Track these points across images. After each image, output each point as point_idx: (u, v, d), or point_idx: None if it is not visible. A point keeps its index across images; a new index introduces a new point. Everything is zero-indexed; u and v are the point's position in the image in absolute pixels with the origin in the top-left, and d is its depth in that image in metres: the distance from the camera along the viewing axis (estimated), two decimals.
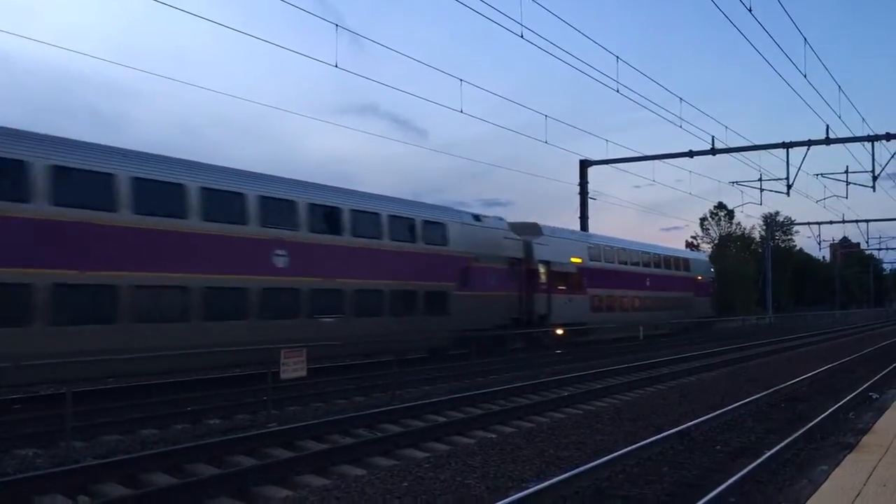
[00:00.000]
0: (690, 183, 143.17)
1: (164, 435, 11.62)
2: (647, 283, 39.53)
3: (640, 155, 42.93)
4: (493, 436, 11.82)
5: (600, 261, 35.01)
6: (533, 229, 30.44)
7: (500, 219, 28.24)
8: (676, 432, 11.01)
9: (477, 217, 26.74)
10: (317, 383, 16.71)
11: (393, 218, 22.37)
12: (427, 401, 14.81)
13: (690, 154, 40.48)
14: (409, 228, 23.12)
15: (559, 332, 29.77)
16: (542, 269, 29.45)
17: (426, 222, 23.85)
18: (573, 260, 32.16)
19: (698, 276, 46.74)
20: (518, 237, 28.53)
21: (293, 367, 12.75)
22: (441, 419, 13.43)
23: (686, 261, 46.45)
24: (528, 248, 28.89)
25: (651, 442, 10.24)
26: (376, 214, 21.85)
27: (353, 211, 20.92)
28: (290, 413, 13.70)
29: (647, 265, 40.20)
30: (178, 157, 17.51)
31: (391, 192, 29.41)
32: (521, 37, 20.02)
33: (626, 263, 37.87)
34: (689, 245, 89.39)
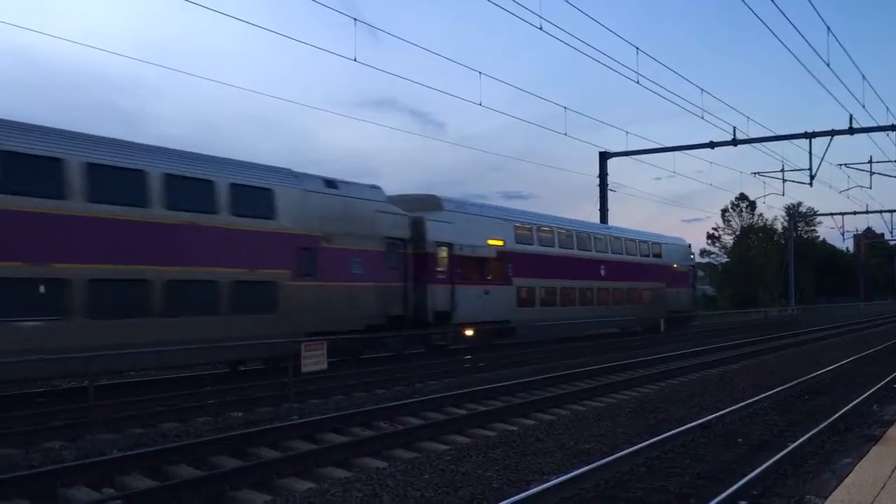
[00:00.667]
0: (711, 174, 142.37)
1: (186, 428, 11.73)
2: (602, 272, 33.10)
3: (661, 146, 42.72)
4: (514, 428, 11.83)
5: (532, 244, 28.61)
6: (428, 203, 24.37)
7: (375, 187, 22.01)
8: (698, 425, 10.96)
9: (330, 183, 20.22)
10: (337, 376, 16.78)
11: (172, 179, 16.03)
12: (447, 393, 14.84)
13: (711, 145, 40.19)
14: (205, 194, 16.67)
15: (468, 332, 24.09)
16: (441, 254, 23.50)
17: (237, 187, 17.32)
18: (491, 242, 26.02)
19: (673, 265, 39.82)
20: (402, 212, 22.42)
21: (314, 361, 12.83)
22: (462, 412, 13.45)
23: (657, 245, 39.03)
24: (418, 226, 22.88)
25: (672, 435, 10.20)
26: (140, 173, 15.52)
27: (89, 166, 14.62)
28: (311, 406, 13.79)
29: (601, 250, 33.60)
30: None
31: (412, 188, 27.52)
32: (540, 28, 19.90)
33: (570, 248, 31.23)
34: (710, 237, 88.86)
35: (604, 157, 43.69)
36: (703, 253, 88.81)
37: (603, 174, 43.47)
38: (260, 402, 14.01)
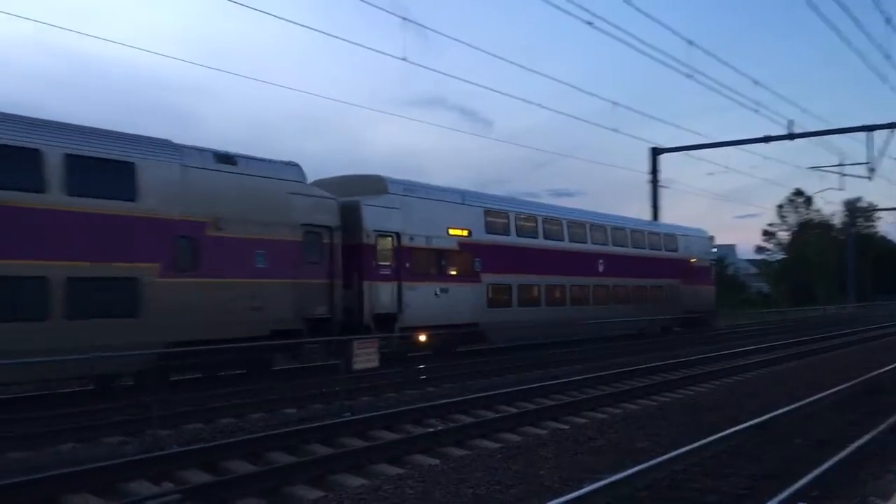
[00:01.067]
0: (766, 169, 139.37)
1: (242, 424, 11.96)
2: (600, 268, 29.14)
3: (714, 141, 42.04)
4: (566, 427, 11.77)
5: (507, 234, 24.86)
6: (369, 185, 20.98)
7: (292, 165, 18.32)
8: (754, 424, 10.77)
9: (225, 158, 16.72)
10: (388, 374, 16.90)
11: None
12: (498, 391, 14.83)
13: (766, 139, 39.45)
14: (28, 167, 13.46)
15: (421, 338, 20.85)
16: (384, 245, 20.11)
17: (76, 159, 14.03)
18: (454, 232, 22.56)
19: (691, 258, 35.67)
20: (327, 195, 18.83)
21: (365, 358, 12.95)
22: (512, 410, 13.43)
23: (671, 237, 34.81)
24: (352, 212, 19.42)
25: (728, 434, 10.04)
26: None
27: None
28: (363, 403, 13.92)
29: (600, 242, 29.58)
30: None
31: (458, 184, 26.28)
32: (591, 24, 19.73)
33: (558, 239, 27.28)
34: (765, 233, 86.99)
35: (655, 152, 43.20)
36: (759, 249, 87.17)
37: (654, 170, 42.96)
38: (312, 400, 14.20)
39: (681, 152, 43.33)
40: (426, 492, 7.62)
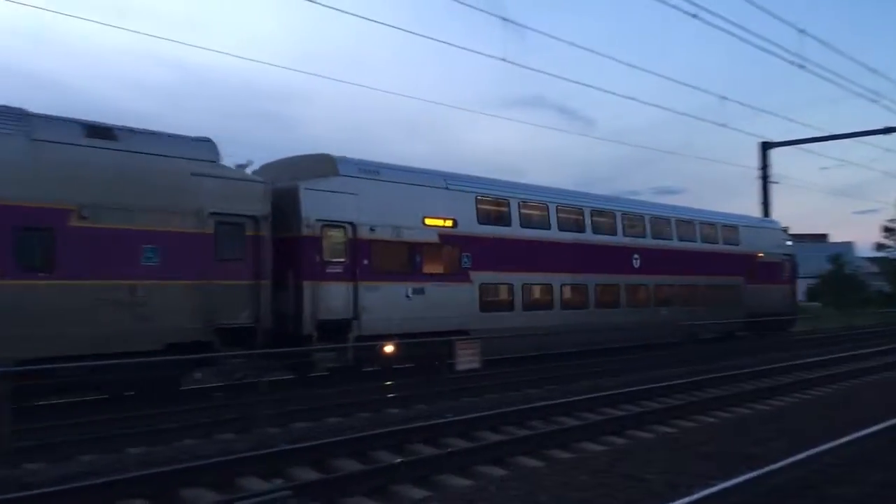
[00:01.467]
0: (886, 161, 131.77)
1: (349, 422, 12.18)
2: (636, 263, 25.29)
3: (828, 134, 40.16)
4: (673, 430, 11.45)
5: (507, 224, 21.36)
6: (317, 167, 17.79)
7: (203, 140, 15.40)
8: (884, 428, 10.14)
9: (97, 131, 14.00)
10: (490, 375, 16.87)
11: None
12: (601, 394, 14.57)
13: (886, 131, 37.39)
14: None
15: (388, 348, 17.52)
16: (333, 238, 17.06)
17: None
18: (432, 222, 19.31)
19: (757, 253, 31.24)
20: (252, 179, 16.21)
21: (467, 359, 12.97)
22: (617, 412, 13.17)
23: (730, 228, 30.53)
24: (287, 198, 16.56)
25: (854, 439, 9.50)
26: None
27: None
28: (465, 404, 13.94)
29: (635, 234, 25.73)
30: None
31: (559, 184, 25.12)
32: (695, 17, 19.16)
33: (577, 230, 23.44)
34: (885, 229, 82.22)
35: (765, 147, 41.62)
36: (879, 247, 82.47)
37: (764, 165, 41.38)
38: (415, 400, 14.33)
39: (792, 146, 41.54)
40: (531, 494, 7.54)
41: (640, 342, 24.32)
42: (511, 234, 21.28)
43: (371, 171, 18.18)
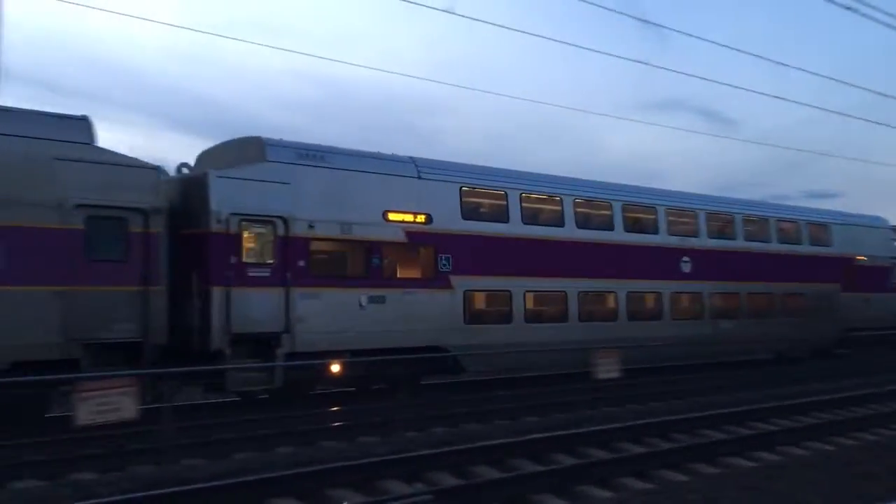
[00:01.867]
0: None
1: (487, 430, 12.21)
2: (685, 267, 21.46)
3: None
4: (831, 448, 10.77)
5: (503, 220, 18.03)
6: (245, 152, 15.37)
7: (78, 119, 13.17)
8: None
9: None
10: (631, 385, 16.45)
11: None
12: (748, 407, 13.90)
13: None
14: None
15: (334, 368, 14.94)
16: (257, 236, 14.61)
17: None
18: (397, 217, 16.29)
19: (856, 256, 26.44)
20: (139, 164, 13.42)
21: (607, 368, 12.74)
22: (769, 427, 12.52)
23: (820, 226, 25.90)
24: (194, 189, 14.31)
25: None
26: None
27: None
28: (605, 414, 13.67)
29: (685, 232, 21.90)
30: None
31: (701, 188, 23.09)
32: (850, 9, 18.02)
33: (601, 227, 20.06)
34: None
35: None
36: None
37: None
38: (554, 409, 14.21)
39: None
40: None
41: (694, 360, 21.40)
42: (509, 231, 17.97)
43: (313, 156, 15.51)
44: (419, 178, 16.83)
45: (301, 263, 14.71)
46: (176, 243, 13.57)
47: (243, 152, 15.30)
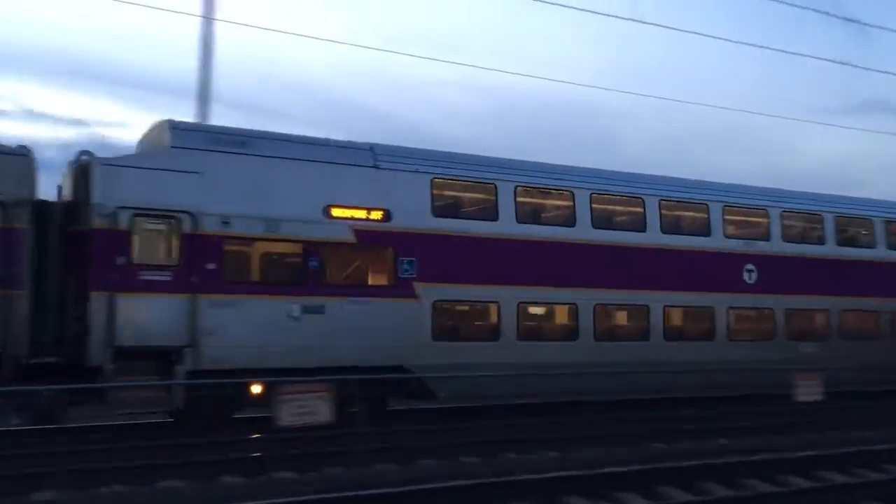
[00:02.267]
0: None
1: (670, 449, 11.72)
2: (749, 276, 17.92)
3: None
4: None
5: (490, 218, 15.43)
6: (154, 137, 13.99)
7: None
8: None
9: None
10: (835, 409, 15.14)
11: None
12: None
13: None
14: None
15: (254, 389, 12.44)
16: (148, 233, 12.70)
17: None
18: (343, 214, 14.04)
19: None
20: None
21: (809, 390, 11.90)
22: None
23: None
24: (84, 180, 12.61)
25: None
26: None
27: None
28: (804, 440, 12.70)
29: (742, 234, 18.53)
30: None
31: None
32: None
33: (627, 227, 16.98)
34: None
35: None
36: None
37: None
38: (748, 432, 13.44)
39: None
40: None
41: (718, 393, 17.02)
42: (498, 232, 15.27)
43: (231, 142, 13.58)
44: (376, 167, 14.53)
45: (211, 266, 12.79)
46: (65, 242, 12.37)
47: (156, 138, 13.80)
